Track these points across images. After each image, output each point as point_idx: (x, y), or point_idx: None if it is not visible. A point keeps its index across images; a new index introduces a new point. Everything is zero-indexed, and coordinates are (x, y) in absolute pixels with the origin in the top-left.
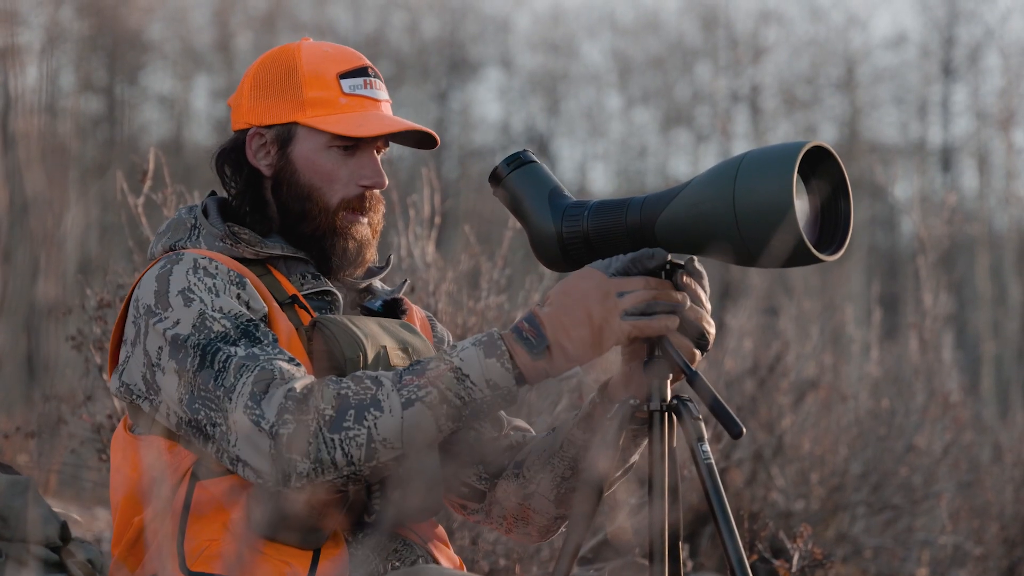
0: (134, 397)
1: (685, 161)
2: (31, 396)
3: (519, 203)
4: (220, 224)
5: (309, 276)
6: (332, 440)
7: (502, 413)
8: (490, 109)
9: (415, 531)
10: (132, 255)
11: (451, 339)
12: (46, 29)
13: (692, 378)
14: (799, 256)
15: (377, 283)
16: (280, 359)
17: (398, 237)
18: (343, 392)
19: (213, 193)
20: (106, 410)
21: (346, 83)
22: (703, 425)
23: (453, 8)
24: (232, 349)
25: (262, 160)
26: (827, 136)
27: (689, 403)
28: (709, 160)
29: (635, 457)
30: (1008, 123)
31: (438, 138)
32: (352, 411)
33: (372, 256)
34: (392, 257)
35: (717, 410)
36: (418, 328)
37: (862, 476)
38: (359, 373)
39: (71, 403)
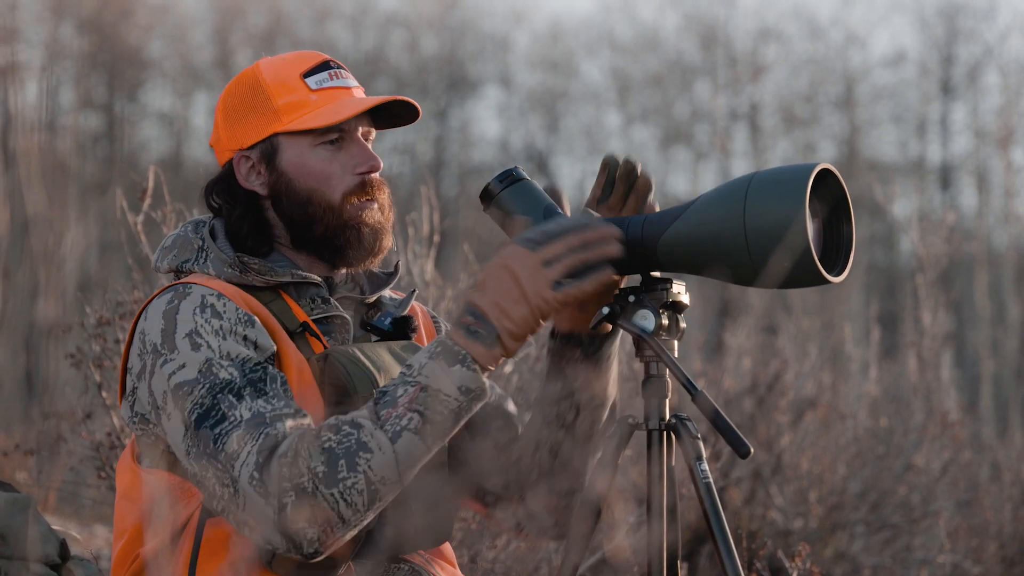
0: (150, 426)
1: (684, 179)
2: (30, 414)
3: (513, 221)
4: (229, 251)
5: (319, 300)
6: (332, 495)
7: (515, 417)
8: (489, 127)
9: (421, 553)
10: (132, 273)
11: None
12: (46, 46)
13: (699, 398)
14: (806, 277)
15: (386, 294)
16: (286, 416)
17: (397, 255)
18: (327, 445)
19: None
20: (105, 428)
21: (311, 80)
22: (702, 444)
23: (452, 26)
24: (237, 406)
25: (255, 181)
26: (826, 154)
27: (688, 422)
28: (708, 178)
29: (562, 393)
30: (1007, 141)
31: (419, 107)
32: (342, 460)
33: (389, 243)
34: (400, 263)
35: (722, 429)
36: (421, 328)
37: (861, 495)
38: (333, 420)
39: (70, 421)
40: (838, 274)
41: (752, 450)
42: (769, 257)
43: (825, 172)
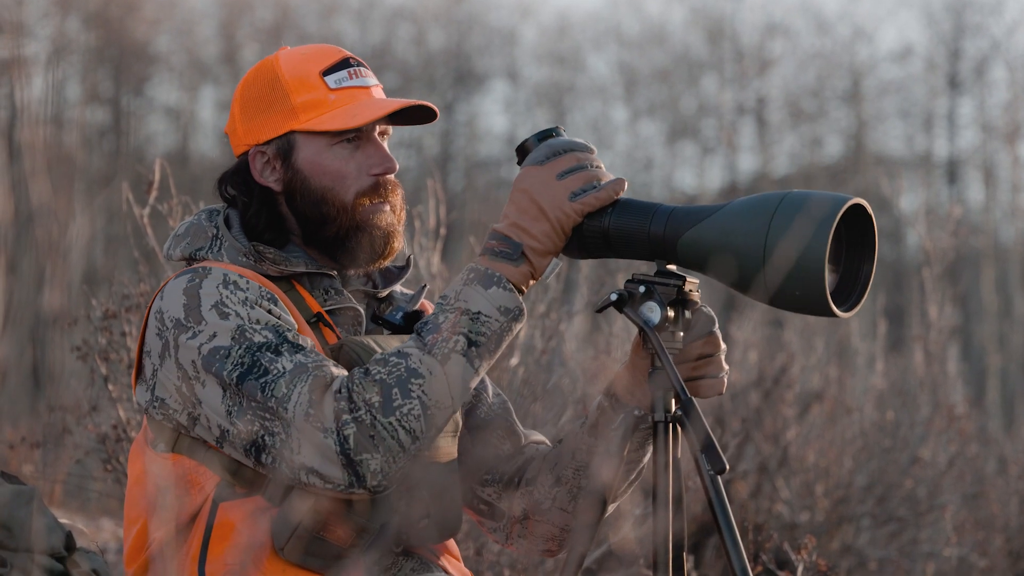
0: (170, 411)
1: (691, 173)
2: (36, 407)
3: None
4: (245, 240)
5: (332, 292)
6: (390, 424)
7: (519, 427)
8: (496, 121)
9: (428, 547)
10: (138, 266)
11: None
12: (52, 40)
13: (687, 405)
14: (815, 308)
15: (397, 289)
16: (328, 364)
17: (410, 251)
18: (378, 377)
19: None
20: (111, 420)
21: (331, 79)
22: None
23: (459, 20)
24: (278, 360)
25: (269, 177)
26: (833, 149)
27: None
28: (715, 172)
29: (642, 465)
30: (1014, 136)
31: (437, 110)
32: (395, 388)
33: (400, 245)
34: (412, 258)
35: (704, 443)
36: None
37: (867, 488)
38: (379, 356)
39: (76, 413)
40: (848, 309)
41: (728, 467)
42: (782, 280)
43: (857, 207)
